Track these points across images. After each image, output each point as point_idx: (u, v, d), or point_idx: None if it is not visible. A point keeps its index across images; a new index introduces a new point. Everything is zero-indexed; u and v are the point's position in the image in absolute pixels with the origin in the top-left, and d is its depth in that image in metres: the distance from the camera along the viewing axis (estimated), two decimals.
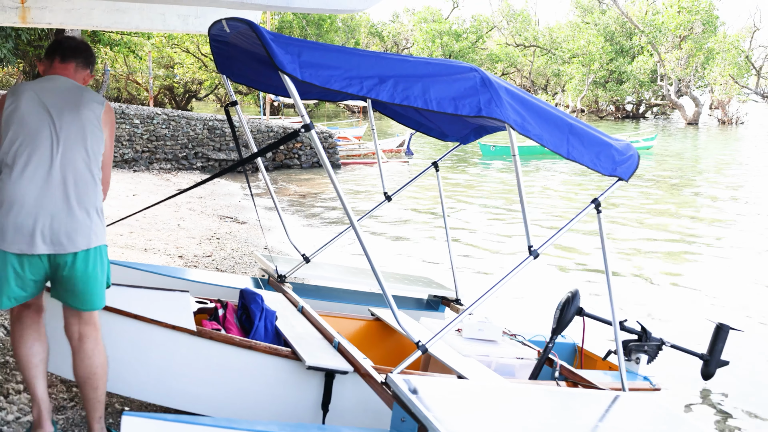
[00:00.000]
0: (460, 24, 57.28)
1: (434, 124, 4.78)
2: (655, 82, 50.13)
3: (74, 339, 3.01)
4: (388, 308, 3.09)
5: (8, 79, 31.58)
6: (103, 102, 3.03)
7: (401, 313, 3.22)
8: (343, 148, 21.14)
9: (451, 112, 3.12)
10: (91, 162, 2.92)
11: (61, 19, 6.24)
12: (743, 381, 5.58)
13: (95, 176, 2.94)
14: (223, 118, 17.56)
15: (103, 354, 3.03)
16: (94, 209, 2.91)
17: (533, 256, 3.40)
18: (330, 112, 51.43)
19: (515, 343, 4.34)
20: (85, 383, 3.01)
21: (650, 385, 4.09)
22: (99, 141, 2.96)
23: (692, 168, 22.07)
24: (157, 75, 37.36)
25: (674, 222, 12.61)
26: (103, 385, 3.04)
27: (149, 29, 6.72)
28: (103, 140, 2.98)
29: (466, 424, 2.50)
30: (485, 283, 7.71)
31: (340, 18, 49.94)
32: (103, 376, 3.02)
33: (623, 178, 3.69)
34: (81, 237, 2.85)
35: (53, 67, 3.07)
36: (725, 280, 8.64)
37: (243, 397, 3.36)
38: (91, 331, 3.01)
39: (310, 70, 2.86)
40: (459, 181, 18.02)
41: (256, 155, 3.20)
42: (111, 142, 3.07)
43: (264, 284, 4.93)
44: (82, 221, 2.86)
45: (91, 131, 2.93)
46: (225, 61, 3.94)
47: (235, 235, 9.24)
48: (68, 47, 3.10)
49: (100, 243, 2.94)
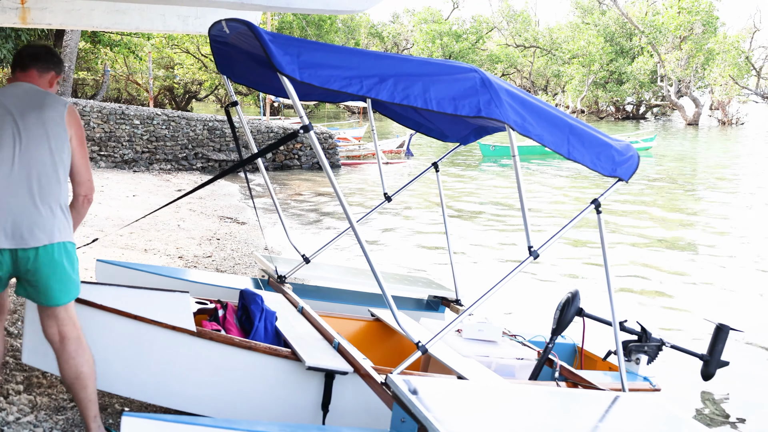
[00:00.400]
0: (460, 25, 57.28)
1: (434, 125, 4.78)
2: (655, 82, 50.14)
3: (55, 342, 3.01)
4: (388, 309, 3.09)
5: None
6: (65, 104, 3.09)
7: (401, 313, 3.22)
8: (343, 148, 21.14)
9: (450, 112, 3.12)
10: (55, 160, 2.97)
11: (61, 20, 6.24)
12: (743, 381, 5.58)
13: (60, 174, 2.98)
14: (223, 119, 17.56)
15: (87, 352, 3.02)
16: (57, 205, 2.95)
17: (533, 256, 3.40)
18: (330, 113, 51.44)
19: (515, 344, 4.34)
20: (74, 384, 3.01)
21: (650, 385, 4.09)
22: (62, 140, 3.02)
23: (692, 169, 22.07)
24: (157, 76, 37.37)
25: (674, 222, 12.61)
26: (93, 384, 3.03)
27: (149, 30, 6.73)
28: (67, 140, 3.03)
29: (466, 424, 2.50)
30: (485, 283, 7.69)
31: (340, 19, 49.94)
32: (91, 375, 3.02)
33: (623, 178, 3.68)
34: (43, 232, 2.88)
35: (16, 77, 3.16)
36: (725, 280, 8.64)
37: (243, 397, 3.36)
38: (70, 331, 3.01)
39: (309, 71, 2.86)
40: (459, 181, 18.02)
41: (255, 156, 3.20)
42: (80, 143, 3.11)
43: (264, 285, 4.93)
44: (45, 217, 2.90)
45: (54, 130, 2.99)
46: (225, 62, 3.94)
47: (235, 236, 9.24)
48: (27, 55, 3.19)
49: (65, 239, 2.96)
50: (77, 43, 20.12)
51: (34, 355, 3.26)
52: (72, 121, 3.09)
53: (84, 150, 3.14)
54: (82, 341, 3.03)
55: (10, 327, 4.59)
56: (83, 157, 3.14)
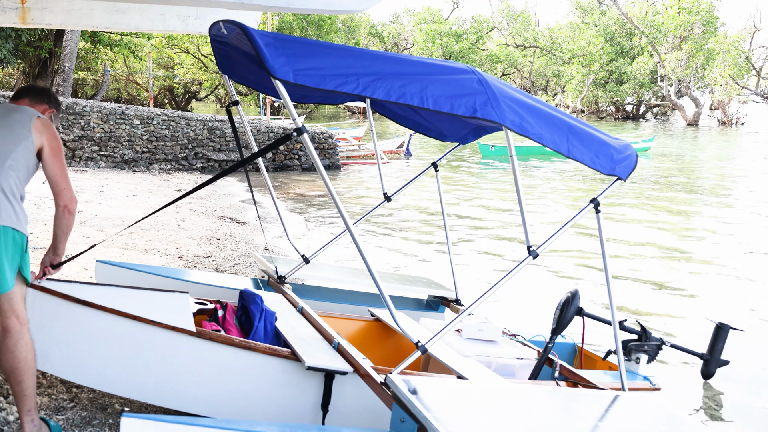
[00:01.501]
0: (460, 25, 57.27)
1: (433, 125, 4.77)
2: (655, 82, 50.14)
3: None
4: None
5: (8, 80, 31.59)
6: (36, 114, 3.19)
7: (400, 313, 3.22)
8: (342, 148, 21.16)
9: (446, 111, 3.11)
10: (8, 149, 3.04)
11: (61, 20, 6.24)
12: (744, 381, 5.57)
13: (9, 163, 3.03)
14: (223, 119, 17.56)
15: (26, 349, 3.00)
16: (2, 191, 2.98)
17: (532, 256, 3.40)
18: (330, 113, 51.45)
19: (515, 344, 4.34)
20: (9, 377, 3.02)
21: (650, 384, 4.09)
22: (22, 138, 3.08)
23: (692, 169, 22.07)
24: (157, 76, 37.39)
25: (674, 222, 12.61)
26: (28, 380, 3.02)
27: (149, 30, 6.72)
28: (29, 141, 3.09)
29: (465, 424, 2.50)
30: (485, 283, 7.70)
31: (340, 19, 49.96)
32: (27, 371, 3.01)
33: (621, 177, 3.68)
34: None
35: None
36: (725, 279, 8.64)
37: (243, 398, 3.36)
38: (13, 325, 2.99)
39: (303, 72, 2.83)
40: (459, 181, 18.02)
41: (252, 158, 3.19)
42: (54, 154, 3.17)
43: (264, 285, 4.93)
44: None
45: (16, 129, 3.10)
46: (226, 62, 3.95)
47: (234, 236, 9.24)
48: (21, 89, 3.44)
49: (4, 224, 2.93)
50: (77, 42, 20.13)
51: None
52: (43, 129, 3.15)
53: (59, 161, 3.18)
54: (25, 337, 3.01)
55: None
56: (59, 168, 3.17)
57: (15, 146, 3.06)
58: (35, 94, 3.40)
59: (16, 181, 3.04)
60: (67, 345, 3.28)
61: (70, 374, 3.32)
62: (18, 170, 3.05)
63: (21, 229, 3.00)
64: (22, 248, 3.02)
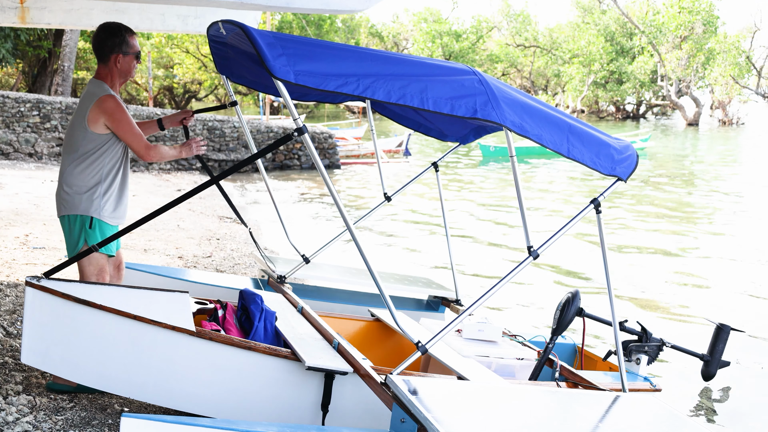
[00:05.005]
0: (460, 24, 57.29)
1: (433, 125, 4.77)
2: (656, 82, 50.13)
3: None
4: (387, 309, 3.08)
5: (7, 79, 31.58)
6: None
7: (400, 313, 3.21)
8: (342, 148, 21.16)
9: (446, 112, 3.10)
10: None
11: (61, 20, 6.24)
12: (744, 382, 5.57)
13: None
14: (223, 119, 17.57)
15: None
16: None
17: (533, 256, 3.39)
18: (330, 113, 51.44)
19: (515, 344, 4.34)
20: None
21: (650, 385, 4.09)
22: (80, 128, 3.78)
23: (692, 169, 22.07)
24: (156, 75, 37.40)
25: (674, 222, 12.61)
26: None
27: (149, 29, 6.73)
28: (84, 127, 3.77)
29: (466, 424, 2.49)
30: (485, 283, 7.70)
31: (340, 18, 49.98)
32: None
33: (622, 177, 3.66)
34: None
35: None
36: (726, 280, 8.63)
37: (242, 398, 3.36)
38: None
39: (304, 73, 2.83)
40: (459, 181, 18.02)
41: (251, 159, 3.18)
42: (114, 125, 3.79)
43: (264, 285, 4.93)
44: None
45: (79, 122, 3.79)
46: (224, 62, 3.94)
47: (234, 236, 9.24)
48: None
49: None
50: (77, 42, 20.13)
51: (34, 355, 3.25)
52: (98, 109, 3.76)
53: (120, 129, 3.83)
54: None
55: (9, 327, 4.59)
56: (124, 132, 3.86)
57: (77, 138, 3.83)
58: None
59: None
60: (67, 344, 3.27)
61: (70, 374, 3.32)
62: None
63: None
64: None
